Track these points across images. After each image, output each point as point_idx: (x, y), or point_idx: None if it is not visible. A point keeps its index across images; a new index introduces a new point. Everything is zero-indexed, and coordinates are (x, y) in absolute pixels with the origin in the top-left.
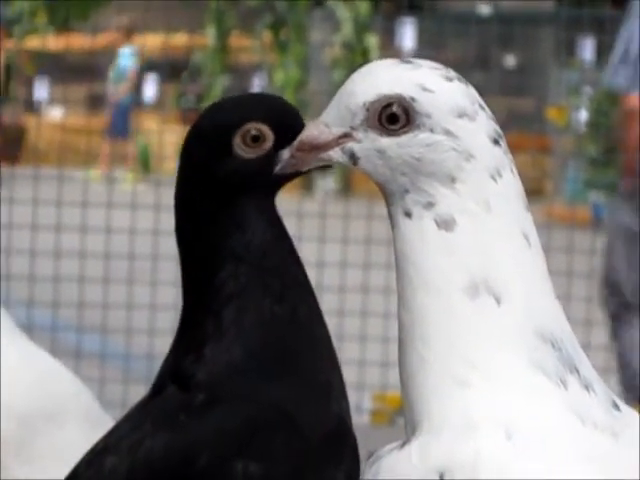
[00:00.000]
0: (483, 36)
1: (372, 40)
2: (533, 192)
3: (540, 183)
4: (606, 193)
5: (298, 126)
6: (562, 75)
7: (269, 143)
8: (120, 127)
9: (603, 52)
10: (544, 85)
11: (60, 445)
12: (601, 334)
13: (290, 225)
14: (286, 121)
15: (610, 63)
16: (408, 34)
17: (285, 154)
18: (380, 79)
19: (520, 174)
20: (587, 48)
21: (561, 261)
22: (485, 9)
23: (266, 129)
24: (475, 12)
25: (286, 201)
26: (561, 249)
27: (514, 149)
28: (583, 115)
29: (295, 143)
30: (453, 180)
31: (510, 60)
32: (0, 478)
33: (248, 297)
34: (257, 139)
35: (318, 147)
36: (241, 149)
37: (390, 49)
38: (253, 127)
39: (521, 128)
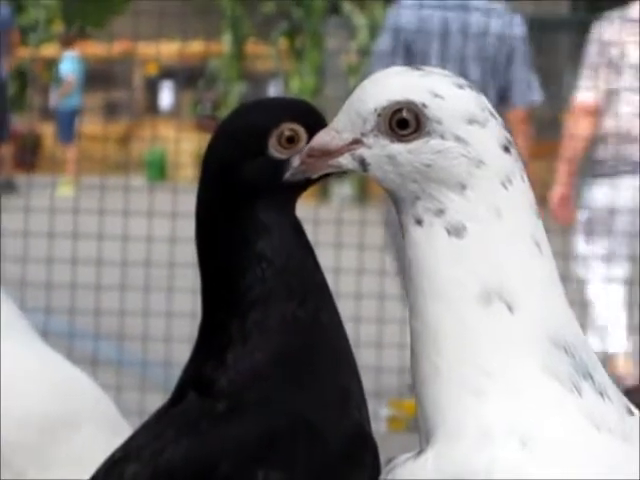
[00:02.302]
0: None
1: None
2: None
3: None
4: None
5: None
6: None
7: (302, 144)
8: (61, 133)
9: None
10: (560, 91)
11: (78, 451)
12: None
13: (306, 232)
14: (318, 123)
15: (372, 54)
16: None
17: (295, 161)
18: (391, 85)
19: (537, 181)
20: None
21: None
22: None
23: (301, 130)
24: None
25: (302, 208)
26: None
27: (531, 155)
28: None
29: (305, 149)
30: (463, 187)
31: None
32: None
33: (273, 301)
34: (292, 140)
35: (328, 153)
36: (275, 149)
37: None
38: (288, 127)
39: (537, 134)
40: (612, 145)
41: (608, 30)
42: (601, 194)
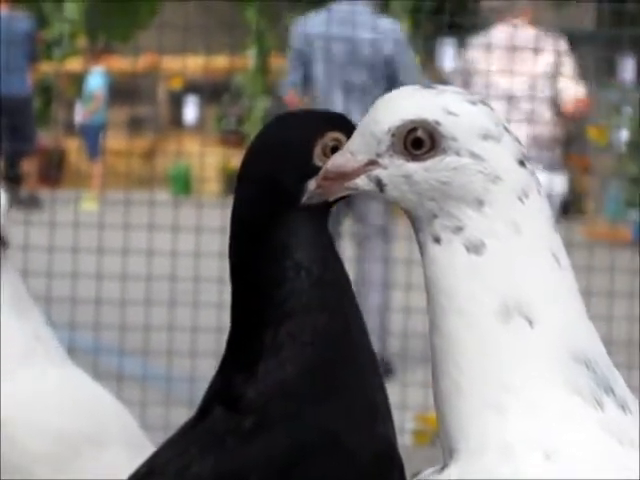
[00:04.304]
0: None
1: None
2: (574, 212)
3: (581, 203)
4: None
5: None
6: (602, 94)
7: None
8: (89, 148)
9: None
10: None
11: (101, 468)
12: None
13: None
14: None
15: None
16: (448, 54)
17: (312, 184)
18: (404, 105)
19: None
20: (627, 68)
21: (602, 280)
22: None
23: (344, 139)
24: None
25: None
26: (602, 268)
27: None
28: (623, 135)
29: (321, 172)
30: (481, 203)
31: None
32: None
33: (307, 313)
34: (336, 149)
35: (344, 175)
36: (320, 160)
37: (430, 69)
38: (332, 137)
39: (563, 148)
40: None
41: (471, 58)
42: None
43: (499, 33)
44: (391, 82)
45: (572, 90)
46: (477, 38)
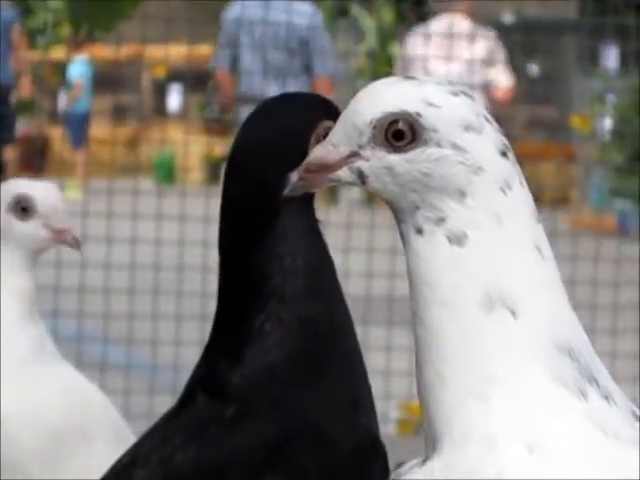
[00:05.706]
0: (507, 45)
1: (396, 49)
2: (559, 200)
3: (566, 191)
4: (632, 201)
5: None
6: (586, 83)
7: None
8: (72, 137)
9: (627, 60)
10: (568, 93)
11: (89, 462)
12: (628, 342)
13: None
14: None
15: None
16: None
17: (293, 176)
18: (385, 96)
19: (545, 182)
20: (610, 56)
21: (587, 269)
22: (509, 18)
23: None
24: (499, 21)
25: None
26: (587, 257)
27: (539, 157)
28: (607, 123)
29: (303, 165)
30: (463, 194)
31: (534, 69)
32: None
33: (294, 301)
34: None
35: (326, 167)
36: None
37: None
38: (324, 126)
39: (546, 136)
40: None
41: (411, 45)
42: None
43: (438, 23)
44: (306, 65)
45: (501, 78)
46: (419, 27)
